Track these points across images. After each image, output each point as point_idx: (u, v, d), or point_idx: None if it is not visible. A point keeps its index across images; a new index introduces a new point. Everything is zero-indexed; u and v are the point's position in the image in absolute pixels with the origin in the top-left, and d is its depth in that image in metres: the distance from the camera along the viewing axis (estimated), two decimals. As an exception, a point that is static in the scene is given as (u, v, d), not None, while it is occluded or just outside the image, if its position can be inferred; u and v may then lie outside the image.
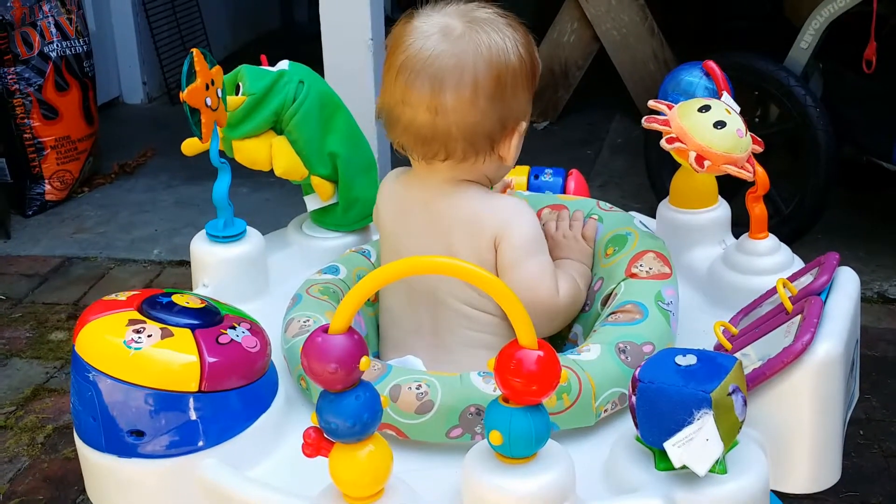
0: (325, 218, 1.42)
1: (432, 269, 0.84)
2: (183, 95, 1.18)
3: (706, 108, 1.17)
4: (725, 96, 1.25)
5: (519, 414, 0.82)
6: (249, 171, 1.39)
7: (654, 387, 0.87)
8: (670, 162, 1.22)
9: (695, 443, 0.84)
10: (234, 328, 1.01)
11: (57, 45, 3.07)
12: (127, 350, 0.95)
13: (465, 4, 1.17)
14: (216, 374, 0.97)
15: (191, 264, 1.30)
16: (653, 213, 1.38)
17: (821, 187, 2.49)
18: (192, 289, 1.27)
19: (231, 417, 0.99)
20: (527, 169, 1.43)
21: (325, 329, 0.83)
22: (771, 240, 1.23)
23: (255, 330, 1.03)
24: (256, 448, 1.01)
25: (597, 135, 3.51)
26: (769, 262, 1.21)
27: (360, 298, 0.82)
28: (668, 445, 0.85)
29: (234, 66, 1.35)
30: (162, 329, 0.97)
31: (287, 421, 1.05)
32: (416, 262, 0.85)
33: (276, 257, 1.36)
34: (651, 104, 1.21)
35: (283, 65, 1.36)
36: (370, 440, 0.84)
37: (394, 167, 1.27)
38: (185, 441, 0.96)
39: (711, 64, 1.30)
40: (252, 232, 1.31)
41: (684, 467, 0.85)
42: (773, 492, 1.00)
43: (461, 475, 0.87)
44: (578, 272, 1.23)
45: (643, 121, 1.20)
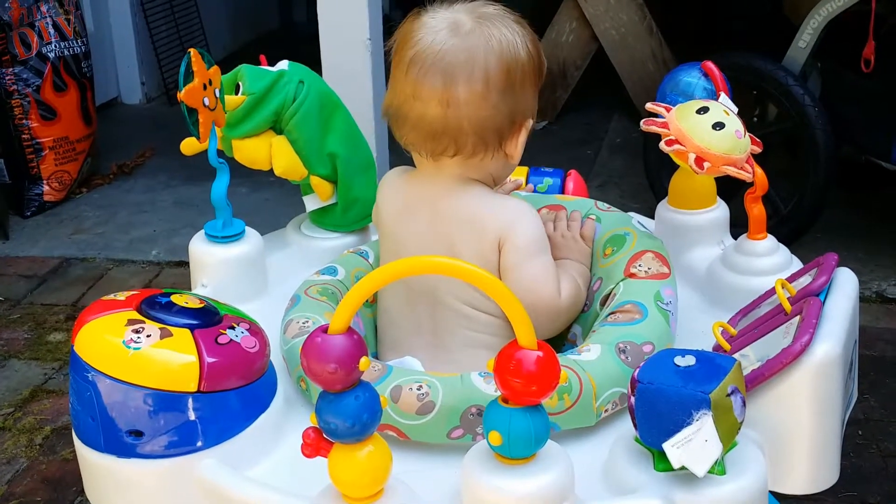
0: (323, 218, 1.42)
1: (431, 269, 0.84)
2: (180, 96, 1.18)
3: (705, 110, 1.17)
4: (723, 97, 1.25)
5: (518, 414, 0.82)
6: (248, 170, 1.39)
7: (653, 388, 0.87)
8: (669, 162, 1.22)
9: (694, 444, 0.84)
10: (233, 328, 1.01)
11: (55, 46, 3.06)
12: (126, 350, 0.95)
13: (472, 2, 1.17)
14: (215, 374, 0.97)
15: (189, 265, 1.30)
16: (652, 214, 1.38)
17: (819, 187, 2.48)
18: (191, 289, 1.27)
19: (230, 417, 0.99)
20: (525, 170, 1.43)
21: (324, 329, 0.83)
22: (770, 240, 1.23)
23: (254, 330, 1.03)
24: (255, 448, 1.01)
25: (595, 134, 3.51)
26: (768, 263, 1.21)
27: (359, 299, 0.82)
28: (667, 446, 0.85)
29: (233, 66, 1.35)
30: (161, 329, 0.97)
31: (286, 421, 1.05)
32: (416, 263, 0.85)
33: (275, 257, 1.36)
34: (649, 107, 1.21)
35: (283, 65, 1.36)
36: (369, 441, 0.84)
37: (392, 167, 1.27)
38: (184, 441, 0.96)
39: (710, 65, 1.30)
40: (251, 232, 1.31)
41: (683, 468, 0.85)
42: (772, 492, 1.00)
43: (460, 476, 0.87)
44: (578, 272, 1.23)
45: (642, 123, 1.19)
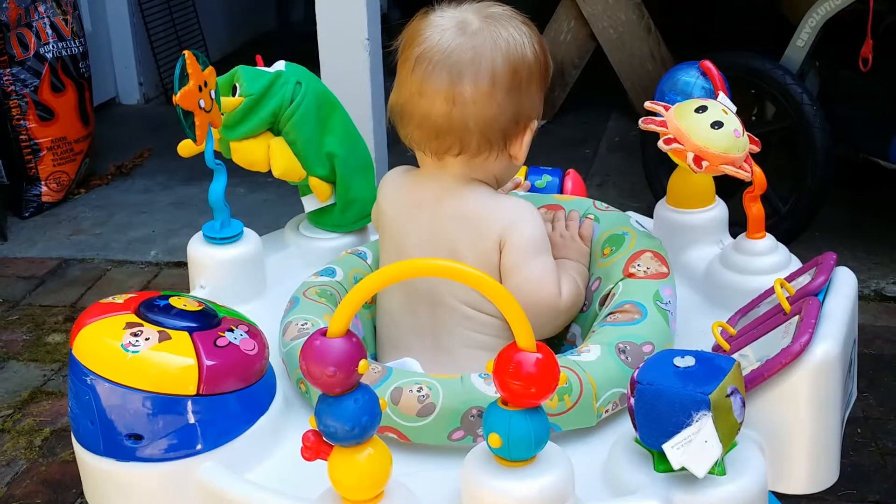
0: (322, 219, 1.42)
1: (430, 272, 0.84)
2: (176, 99, 1.17)
3: (703, 109, 1.17)
4: (722, 96, 1.25)
5: (518, 416, 0.82)
6: (246, 171, 1.39)
7: (652, 389, 0.87)
8: (667, 161, 1.22)
9: (693, 444, 0.84)
10: (231, 331, 1.00)
11: (53, 46, 3.06)
12: (124, 353, 0.95)
13: (479, 2, 1.17)
14: (214, 376, 0.96)
15: (188, 266, 1.30)
16: (650, 213, 1.38)
17: (817, 185, 2.49)
18: (190, 290, 1.27)
19: (229, 420, 0.98)
20: (524, 170, 1.43)
21: (323, 332, 0.83)
22: (768, 239, 1.23)
23: (253, 332, 1.03)
24: (255, 451, 1.01)
25: (594, 134, 3.51)
26: (767, 262, 1.21)
27: (358, 301, 0.82)
28: (667, 447, 0.85)
29: (231, 66, 1.34)
30: (159, 332, 0.97)
31: (286, 423, 1.05)
32: (414, 265, 0.85)
33: (274, 258, 1.36)
34: (648, 105, 1.21)
35: (280, 65, 1.36)
36: (369, 443, 0.84)
37: (391, 167, 1.27)
38: (183, 444, 0.96)
39: (708, 63, 1.30)
40: (249, 233, 1.31)
41: (683, 469, 0.85)
42: (772, 492, 1.00)
43: (460, 478, 0.87)
44: (577, 272, 1.22)
45: (640, 122, 1.19)
